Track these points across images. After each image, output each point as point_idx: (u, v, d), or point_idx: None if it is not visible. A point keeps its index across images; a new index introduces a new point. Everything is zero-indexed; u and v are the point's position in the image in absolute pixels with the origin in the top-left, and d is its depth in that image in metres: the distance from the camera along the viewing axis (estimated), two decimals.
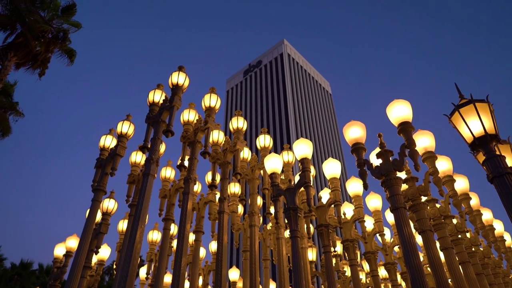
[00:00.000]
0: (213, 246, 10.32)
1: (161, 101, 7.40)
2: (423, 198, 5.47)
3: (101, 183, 7.65)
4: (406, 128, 5.04)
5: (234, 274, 10.83)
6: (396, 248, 8.26)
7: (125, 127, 8.02)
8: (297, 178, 6.55)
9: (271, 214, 8.50)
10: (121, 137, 7.93)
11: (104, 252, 9.32)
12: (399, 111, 5.21)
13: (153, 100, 7.49)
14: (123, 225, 8.98)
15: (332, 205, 6.61)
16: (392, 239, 8.14)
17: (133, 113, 8.36)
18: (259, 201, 8.64)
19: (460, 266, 5.77)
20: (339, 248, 9.36)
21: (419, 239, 6.79)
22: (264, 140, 8.37)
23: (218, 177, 7.85)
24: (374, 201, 7.52)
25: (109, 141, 8.35)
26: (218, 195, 7.83)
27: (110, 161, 7.75)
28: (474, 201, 7.55)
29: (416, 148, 4.89)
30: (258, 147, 8.44)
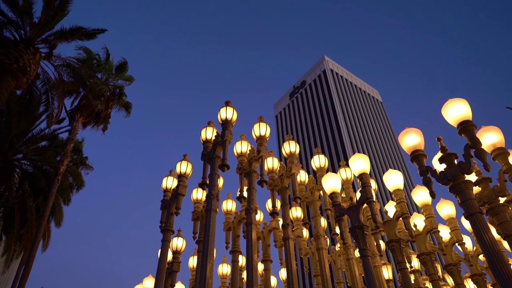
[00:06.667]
0: (283, 273, 10.17)
1: (213, 137, 7.70)
2: (502, 199, 5.02)
3: (168, 223, 8.01)
4: (467, 127, 4.73)
5: None
6: (481, 257, 7.56)
7: (183, 167, 8.41)
8: (358, 194, 6.36)
9: (337, 234, 8.25)
10: (180, 177, 8.32)
11: None
12: (457, 110, 4.93)
13: (206, 137, 7.83)
14: (193, 261, 9.23)
15: (400, 218, 6.29)
16: (474, 248, 7.48)
17: (189, 148, 8.78)
18: (323, 222, 8.45)
19: None
20: (416, 263, 8.77)
21: (506, 245, 6.17)
22: (319, 161, 8.30)
23: (278, 204, 7.86)
24: (446, 209, 7.03)
25: (170, 182, 8.79)
26: (281, 222, 7.81)
27: (174, 201, 8.12)
28: None
29: (482, 147, 4.57)
30: (314, 168, 8.37)
